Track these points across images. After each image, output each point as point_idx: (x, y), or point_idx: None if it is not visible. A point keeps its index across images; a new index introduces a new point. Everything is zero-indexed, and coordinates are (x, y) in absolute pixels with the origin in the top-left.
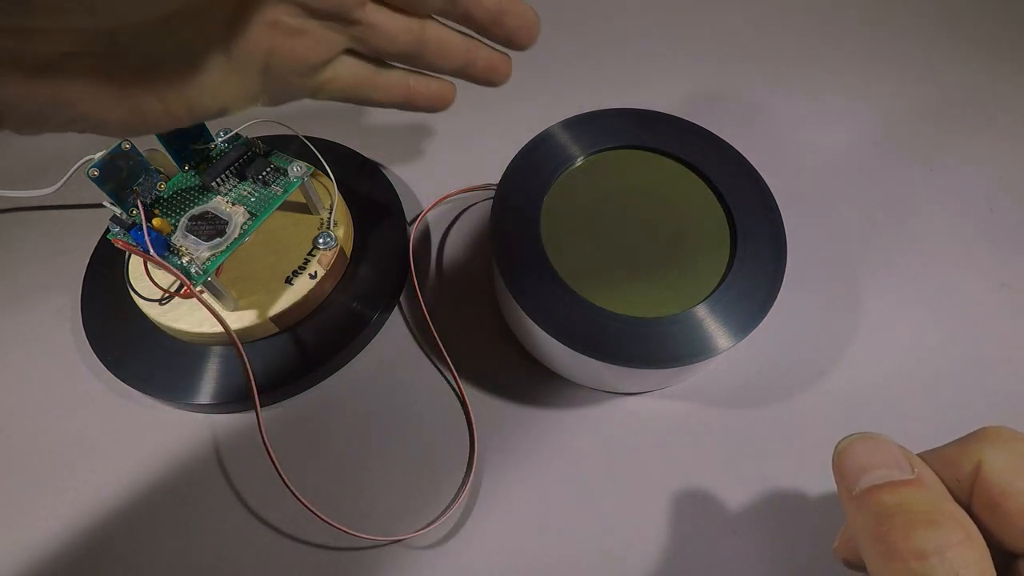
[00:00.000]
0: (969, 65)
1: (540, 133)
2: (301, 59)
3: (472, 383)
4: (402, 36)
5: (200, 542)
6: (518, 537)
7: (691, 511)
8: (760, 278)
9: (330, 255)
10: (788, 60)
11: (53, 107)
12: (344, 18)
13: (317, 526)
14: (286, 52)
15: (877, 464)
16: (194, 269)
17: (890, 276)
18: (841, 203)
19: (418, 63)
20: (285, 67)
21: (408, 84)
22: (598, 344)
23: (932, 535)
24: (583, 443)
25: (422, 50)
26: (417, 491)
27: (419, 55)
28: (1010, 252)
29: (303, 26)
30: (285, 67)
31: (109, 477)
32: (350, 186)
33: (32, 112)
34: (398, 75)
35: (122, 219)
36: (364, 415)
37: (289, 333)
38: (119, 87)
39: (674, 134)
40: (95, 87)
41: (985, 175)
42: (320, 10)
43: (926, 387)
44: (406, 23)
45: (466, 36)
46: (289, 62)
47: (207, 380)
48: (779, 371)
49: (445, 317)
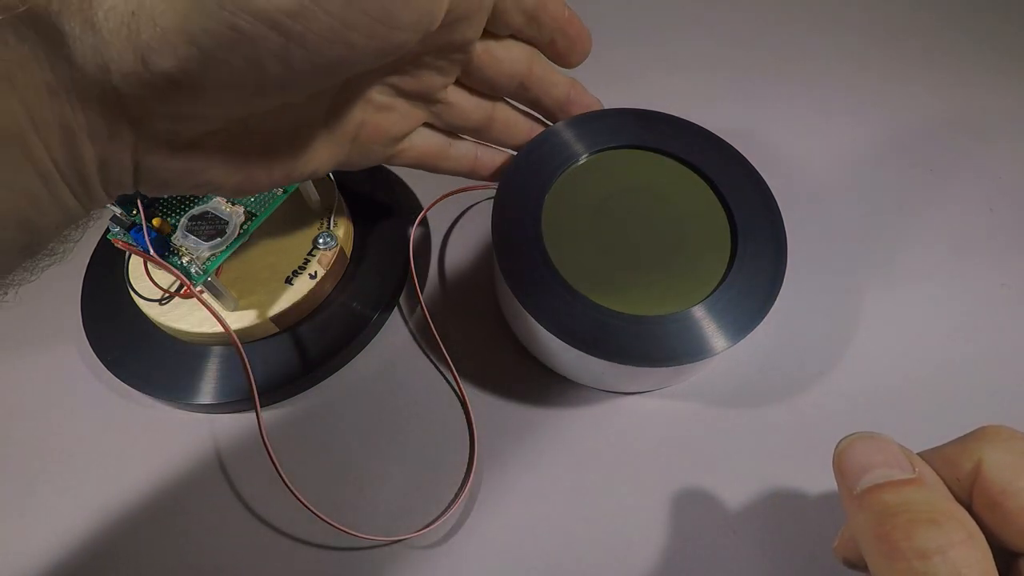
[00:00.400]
0: (969, 66)
1: (542, 132)
2: (386, 131)
3: (472, 383)
4: (475, 115)
5: (200, 542)
6: (518, 537)
7: (691, 510)
8: (761, 278)
9: (330, 255)
10: (790, 61)
11: (184, 176)
12: (429, 98)
13: (317, 526)
14: (374, 125)
15: (878, 463)
16: (194, 269)
17: (890, 276)
18: (842, 203)
19: (484, 137)
20: (371, 138)
21: (475, 156)
22: (598, 342)
23: (934, 534)
24: (583, 443)
25: (491, 126)
26: (417, 491)
27: (487, 131)
28: (1010, 252)
29: (392, 104)
30: (371, 138)
31: (108, 477)
32: (350, 186)
33: (166, 180)
34: (467, 147)
35: (122, 219)
36: (364, 415)
37: (289, 333)
38: (240, 160)
39: (676, 134)
40: (221, 160)
41: (985, 176)
42: (410, 91)
43: (926, 387)
44: (479, 103)
45: (530, 117)
46: (376, 134)
47: (207, 380)
48: (779, 371)
49: (445, 317)
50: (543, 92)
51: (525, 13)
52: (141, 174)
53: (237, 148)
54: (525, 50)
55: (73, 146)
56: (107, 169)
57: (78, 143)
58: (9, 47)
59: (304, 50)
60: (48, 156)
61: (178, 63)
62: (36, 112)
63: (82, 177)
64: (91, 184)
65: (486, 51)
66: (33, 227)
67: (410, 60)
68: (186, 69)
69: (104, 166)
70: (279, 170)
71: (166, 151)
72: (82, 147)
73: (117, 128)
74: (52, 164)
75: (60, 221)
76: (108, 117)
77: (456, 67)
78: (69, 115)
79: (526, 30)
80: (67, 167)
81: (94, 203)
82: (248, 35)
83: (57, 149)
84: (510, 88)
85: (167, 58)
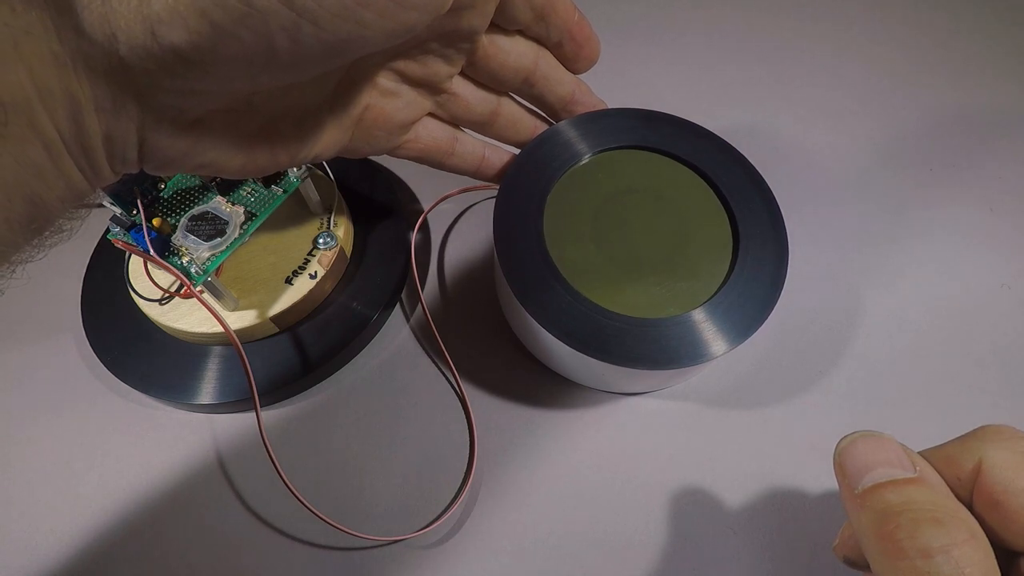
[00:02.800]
0: (970, 65)
1: (544, 131)
2: (391, 118)
3: (473, 383)
4: (480, 108)
5: (200, 542)
6: (518, 537)
7: (691, 511)
8: (762, 280)
9: (330, 255)
10: (791, 61)
11: (188, 155)
12: (435, 87)
13: (317, 526)
14: (379, 110)
15: (879, 462)
16: (194, 269)
17: (890, 276)
18: (842, 203)
19: (488, 132)
20: (376, 123)
21: (483, 155)
22: (599, 344)
23: (938, 533)
24: (583, 443)
25: (495, 121)
26: (417, 491)
27: (492, 126)
28: (1011, 252)
29: (397, 90)
30: (376, 123)
31: (108, 477)
32: (350, 185)
33: (171, 157)
34: (474, 145)
35: (122, 219)
36: (364, 415)
37: (289, 333)
38: (244, 141)
39: (678, 135)
40: (225, 140)
41: (985, 175)
42: (416, 78)
43: (927, 386)
44: (485, 97)
45: (534, 115)
46: (380, 119)
47: (207, 380)
48: (779, 371)
49: (446, 316)
50: (548, 89)
51: (534, 10)
52: (146, 151)
53: (241, 128)
54: (532, 46)
55: (79, 119)
56: (112, 143)
57: (84, 116)
58: (16, 14)
59: (315, 27)
60: (54, 127)
61: (188, 36)
62: (42, 82)
63: (87, 151)
64: (96, 158)
65: (492, 43)
66: (39, 201)
67: (416, 46)
68: (195, 42)
69: (109, 140)
70: (283, 152)
71: (171, 128)
72: (88, 120)
73: (123, 101)
74: (58, 136)
75: (66, 196)
76: (114, 90)
77: (462, 57)
78: (75, 86)
79: (534, 27)
80: (72, 140)
81: (100, 179)
82: (259, 9)
83: (63, 121)
84: (515, 83)
85: (177, 30)
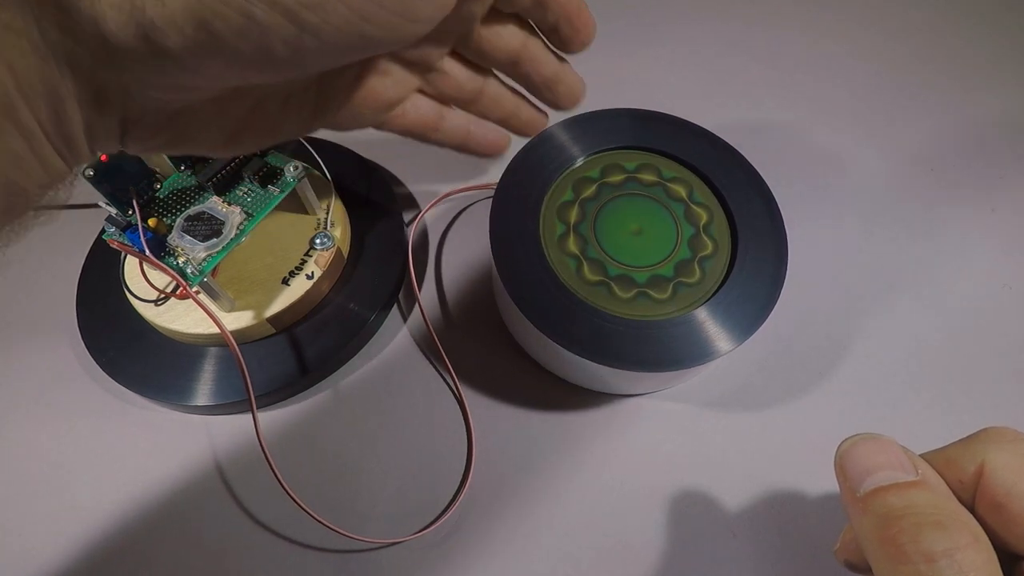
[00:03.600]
0: (970, 66)
1: (540, 133)
2: (379, 95)
3: (470, 384)
4: (467, 85)
5: (196, 545)
6: (516, 540)
7: (691, 512)
8: (762, 280)
9: (327, 255)
10: (791, 61)
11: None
12: (426, 67)
13: (314, 529)
14: (368, 88)
15: (881, 465)
16: (190, 270)
17: (891, 277)
18: (842, 204)
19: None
20: (363, 101)
21: (468, 130)
22: (596, 347)
23: (940, 537)
24: (581, 444)
25: (479, 99)
26: (415, 493)
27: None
28: (1013, 253)
29: (388, 68)
30: (363, 101)
31: (104, 479)
32: (347, 186)
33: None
34: (460, 120)
35: (118, 219)
36: (361, 417)
37: (286, 334)
38: (229, 123)
39: (675, 135)
40: (209, 124)
41: (987, 176)
42: (408, 58)
43: (928, 388)
44: (472, 76)
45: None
46: (368, 97)
47: (203, 382)
48: (780, 372)
49: (443, 318)
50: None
51: None
52: (128, 137)
53: (227, 111)
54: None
55: (60, 110)
56: (94, 131)
57: (65, 107)
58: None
59: (316, 39)
60: (34, 118)
61: (182, 43)
62: (23, 76)
63: (68, 138)
64: (77, 144)
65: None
66: (17, 188)
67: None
68: (189, 49)
69: (91, 129)
70: (267, 132)
71: (155, 117)
72: (69, 111)
73: (107, 96)
74: (38, 127)
75: (45, 181)
76: (98, 85)
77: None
78: (58, 81)
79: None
80: (53, 129)
81: (79, 160)
82: (261, 23)
83: (43, 111)
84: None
85: (171, 37)
